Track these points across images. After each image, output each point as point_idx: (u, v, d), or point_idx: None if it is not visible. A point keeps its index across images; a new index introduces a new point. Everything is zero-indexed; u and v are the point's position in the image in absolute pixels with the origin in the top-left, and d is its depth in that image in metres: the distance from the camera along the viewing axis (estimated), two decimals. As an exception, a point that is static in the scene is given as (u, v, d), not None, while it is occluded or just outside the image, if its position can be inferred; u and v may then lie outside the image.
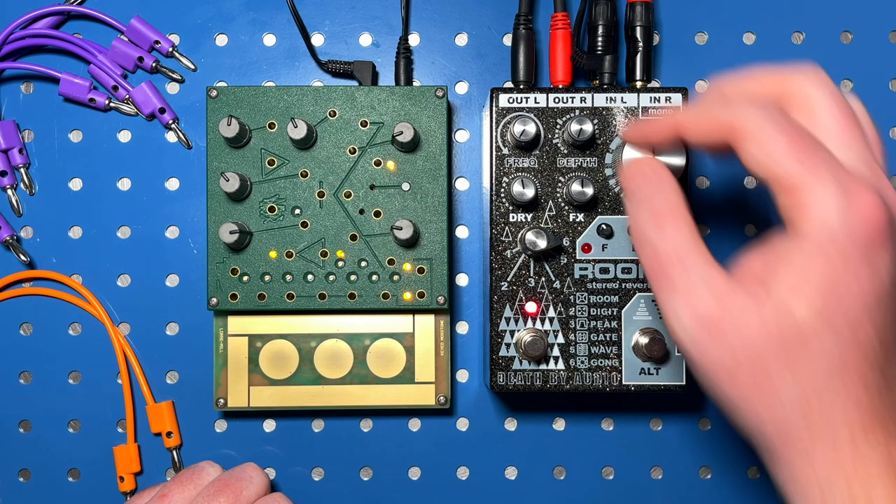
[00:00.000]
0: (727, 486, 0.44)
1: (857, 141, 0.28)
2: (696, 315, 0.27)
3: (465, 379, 0.44)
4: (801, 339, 0.26)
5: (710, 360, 0.27)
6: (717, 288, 0.27)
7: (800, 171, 0.26)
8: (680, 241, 0.28)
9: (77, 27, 0.44)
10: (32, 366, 0.43)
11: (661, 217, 0.29)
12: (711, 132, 0.29)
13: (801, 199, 0.26)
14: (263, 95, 0.40)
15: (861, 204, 0.26)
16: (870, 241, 0.26)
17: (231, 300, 0.40)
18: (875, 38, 0.44)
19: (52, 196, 0.43)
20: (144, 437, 0.43)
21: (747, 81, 0.30)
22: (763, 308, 0.26)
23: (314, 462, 0.43)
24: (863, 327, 0.26)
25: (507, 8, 0.44)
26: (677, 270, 0.28)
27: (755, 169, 0.27)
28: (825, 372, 0.26)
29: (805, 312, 0.26)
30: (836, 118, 0.28)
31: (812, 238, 0.26)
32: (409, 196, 0.40)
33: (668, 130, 0.31)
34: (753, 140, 0.27)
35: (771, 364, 0.27)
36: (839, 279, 0.26)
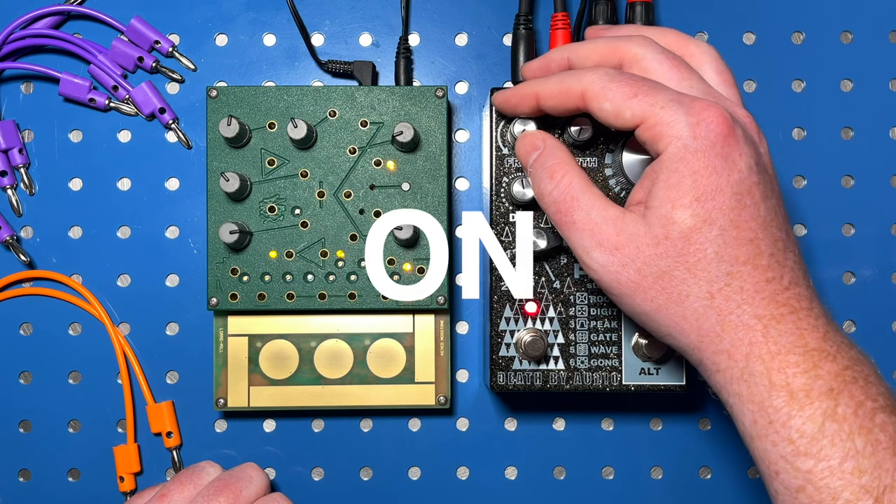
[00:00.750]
0: (727, 486, 0.44)
1: (689, 77, 0.32)
2: (599, 244, 0.31)
3: (465, 379, 0.44)
4: (689, 240, 0.30)
5: (622, 283, 0.31)
6: (611, 218, 0.31)
7: (643, 106, 0.30)
8: (572, 186, 0.32)
9: (77, 27, 0.44)
10: (32, 366, 0.43)
11: (553, 171, 0.33)
12: (564, 100, 0.33)
13: (653, 128, 0.30)
14: (263, 95, 0.40)
15: (705, 115, 0.30)
16: (723, 143, 0.30)
17: (231, 300, 0.40)
18: (875, 38, 0.44)
19: (52, 196, 0.43)
20: (144, 437, 0.43)
21: (589, 50, 0.34)
22: (651, 225, 0.30)
23: (314, 462, 0.43)
24: (741, 217, 0.29)
25: (507, 8, 0.44)
26: (575, 210, 0.32)
27: (609, 121, 0.32)
28: (717, 262, 0.29)
29: (685, 215, 0.29)
30: (663, 64, 0.32)
31: (671, 153, 0.30)
32: (409, 196, 0.40)
33: (528, 101, 0.35)
34: (599, 97, 0.31)
35: (673, 271, 0.30)
36: (704, 180, 0.29)
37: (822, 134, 0.44)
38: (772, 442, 0.29)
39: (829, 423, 0.28)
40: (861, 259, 0.44)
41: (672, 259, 0.30)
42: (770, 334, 0.29)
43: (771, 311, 0.29)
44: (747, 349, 0.29)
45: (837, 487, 0.27)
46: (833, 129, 0.44)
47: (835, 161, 0.44)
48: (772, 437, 0.29)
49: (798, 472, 0.28)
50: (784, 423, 0.28)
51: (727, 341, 0.30)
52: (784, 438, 0.28)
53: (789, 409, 0.28)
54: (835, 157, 0.44)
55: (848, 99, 0.44)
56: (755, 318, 0.29)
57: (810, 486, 0.28)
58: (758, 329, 0.29)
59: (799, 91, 0.44)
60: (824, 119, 0.44)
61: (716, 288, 0.30)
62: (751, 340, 0.29)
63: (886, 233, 0.44)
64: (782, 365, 0.29)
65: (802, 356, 0.29)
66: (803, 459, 0.28)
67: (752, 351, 0.29)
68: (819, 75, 0.44)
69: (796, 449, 0.28)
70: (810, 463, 0.28)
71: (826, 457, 0.27)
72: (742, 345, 0.29)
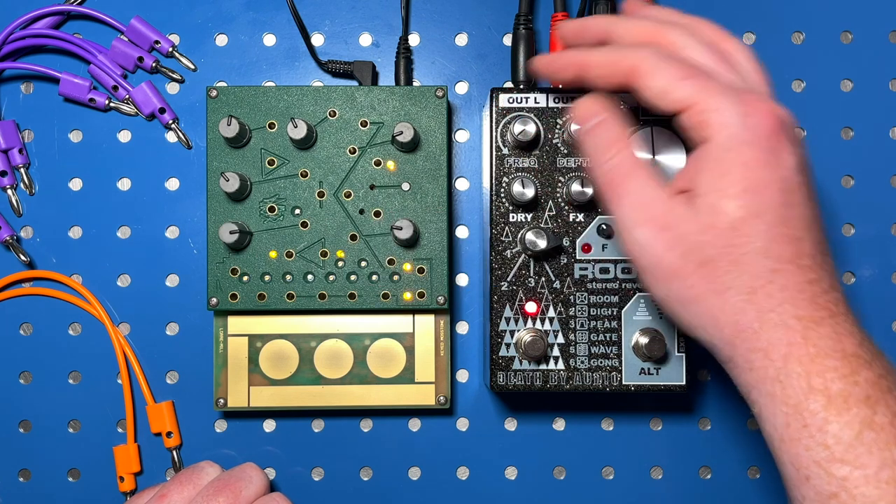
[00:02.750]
0: (727, 486, 0.44)
1: (730, 72, 0.32)
2: (648, 220, 0.30)
3: (465, 379, 0.44)
4: (736, 231, 0.29)
5: (663, 265, 0.30)
6: (662, 197, 0.30)
7: (694, 90, 0.30)
8: (629, 160, 0.32)
9: (77, 27, 0.44)
10: (32, 366, 0.43)
11: (612, 142, 0.32)
12: (611, 72, 0.32)
13: (702, 115, 0.30)
14: (263, 95, 0.40)
15: (757, 108, 0.29)
16: (774, 139, 0.29)
17: (231, 300, 0.40)
18: (875, 38, 0.44)
19: (52, 196, 0.43)
20: (144, 437, 0.43)
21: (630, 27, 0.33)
22: (699, 212, 0.29)
23: (314, 462, 0.43)
24: (788, 214, 0.29)
25: (507, 8, 0.44)
26: (628, 183, 0.31)
27: (656, 100, 0.31)
28: (763, 258, 0.29)
29: (733, 206, 0.29)
30: (704, 56, 0.32)
31: (720, 142, 0.29)
32: (409, 196, 0.40)
33: (573, 68, 0.33)
34: (650, 74, 0.31)
35: (718, 261, 0.29)
36: (754, 173, 0.29)
37: (822, 134, 0.44)
38: (805, 446, 0.28)
39: (866, 430, 0.27)
40: (861, 259, 0.44)
41: (718, 249, 0.29)
42: (810, 336, 0.28)
43: (811, 312, 0.29)
44: (786, 350, 0.29)
45: (873, 496, 0.27)
46: (833, 129, 0.44)
47: (835, 161, 0.44)
48: (805, 441, 0.28)
49: (832, 479, 0.27)
50: (820, 428, 0.28)
51: (764, 339, 0.29)
52: (819, 443, 0.28)
53: (826, 413, 0.28)
54: (835, 157, 0.44)
55: (848, 99, 0.44)
56: (795, 319, 0.29)
57: (844, 493, 0.27)
58: (797, 330, 0.29)
59: (799, 91, 0.44)
60: (824, 119, 0.44)
61: (758, 284, 0.29)
62: (790, 341, 0.29)
63: (886, 233, 0.44)
64: (821, 369, 0.28)
65: (841, 361, 0.28)
66: (838, 466, 0.27)
67: (791, 352, 0.28)
68: (819, 75, 0.44)
69: (831, 455, 0.27)
70: (846, 470, 0.27)
71: (863, 465, 0.27)
72: (780, 345, 0.29)
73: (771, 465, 0.44)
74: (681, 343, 0.38)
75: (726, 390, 0.44)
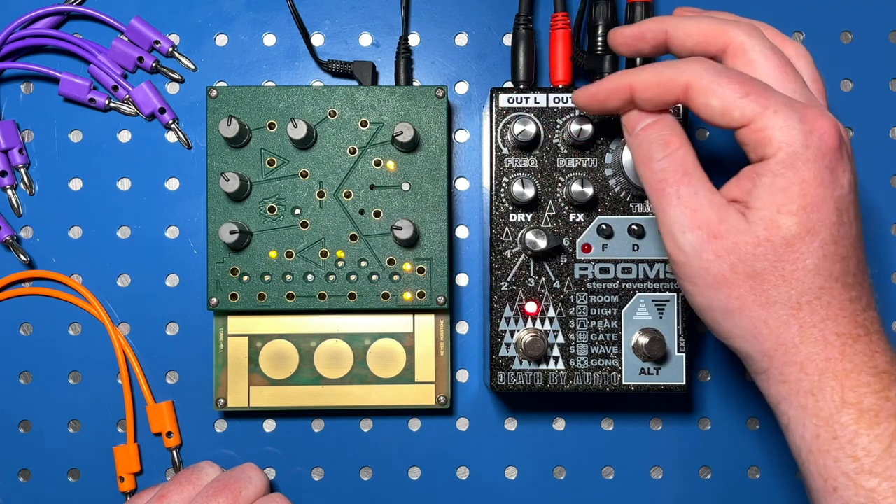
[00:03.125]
0: (727, 486, 0.44)
1: (794, 80, 0.31)
2: (700, 226, 0.30)
3: (465, 379, 0.44)
4: (790, 248, 0.29)
5: (711, 273, 0.30)
6: (717, 204, 0.30)
7: (755, 107, 0.29)
8: (686, 159, 0.31)
9: (77, 27, 0.44)
10: (32, 366, 0.43)
11: (669, 140, 0.31)
12: (663, 92, 0.31)
13: (763, 131, 0.29)
14: (263, 95, 0.40)
15: (818, 125, 0.29)
16: (832, 156, 0.29)
17: (231, 300, 0.40)
18: (875, 38, 0.44)
19: (52, 196, 0.43)
20: (144, 437, 0.43)
21: (692, 27, 0.32)
22: (754, 225, 0.29)
23: (314, 462, 0.43)
24: (840, 233, 0.29)
25: (507, 8, 0.44)
26: (682, 184, 0.30)
27: (715, 118, 0.30)
28: (814, 275, 0.29)
29: (791, 222, 0.29)
30: (770, 60, 0.31)
31: (781, 158, 0.29)
32: (409, 196, 0.40)
33: (621, 92, 0.32)
34: (707, 92, 0.30)
35: (768, 275, 0.29)
36: (813, 191, 0.29)
37: (822, 134, 0.44)
38: (834, 458, 0.29)
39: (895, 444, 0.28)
40: (861, 259, 0.44)
41: (769, 263, 0.29)
42: (847, 353, 0.29)
43: (850, 329, 0.29)
44: (823, 364, 0.29)
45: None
46: (833, 129, 0.44)
47: (835, 161, 0.44)
48: (835, 452, 0.29)
49: (860, 490, 0.28)
50: (850, 441, 0.28)
51: (803, 354, 0.29)
52: (848, 455, 0.28)
53: (857, 427, 0.28)
54: (835, 157, 0.44)
55: (848, 99, 0.44)
56: (836, 336, 0.29)
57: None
58: (836, 346, 0.29)
59: (799, 91, 0.44)
60: (824, 119, 0.44)
61: (805, 300, 0.29)
62: (827, 356, 0.29)
63: (886, 233, 0.44)
64: (855, 384, 0.29)
65: (874, 377, 0.29)
66: (867, 478, 0.28)
67: (828, 367, 0.29)
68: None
69: (860, 467, 0.28)
70: (874, 482, 0.28)
71: (891, 476, 0.28)
72: (818, 360, 0.29)
73: (771, 465, 0.44)
74: (681, 343, 0.38)
75: (726, 390, 0.44)
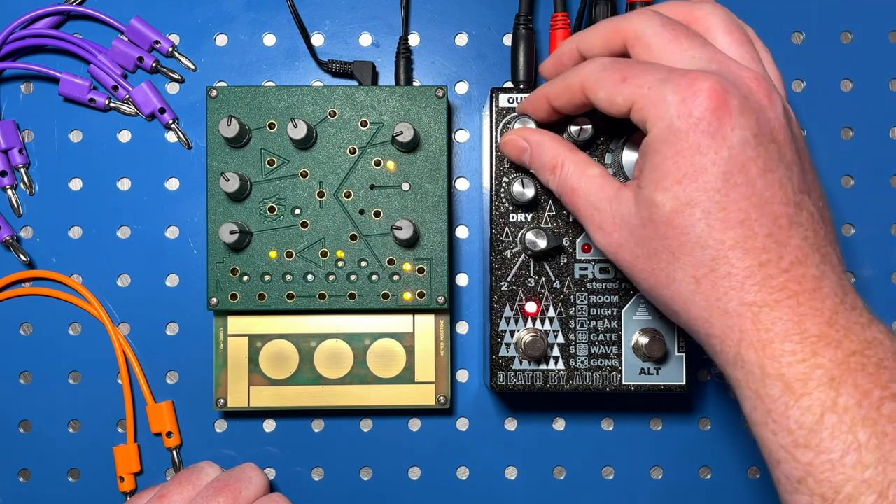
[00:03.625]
0: (727, 486, 0.44)
1: (690, 47, 0.31)
2: (599, 227, 0.32)
3: (465, 379, 0.44)
4: (670, 224, 0.29)
5: (622, 261, 0.31)
6: (607, 198, 0.31)
7: (632, 89, 0.30)
8: (568, 177, 0.33)
9: (77, 27, 0.44)
10: (32, 366, 0.43)
11: (551, 167, 0.34)
12: (570, 97, 0.33)
13: (641, 111, 0.30)
14: (263, 95, 0.40)
15: (691, 91, 0.28)
16: (710, 119, 0.28)
17: (231, 300, 0.40)
18: (875, 38, 0.44)
19: (52, 196, 0.43)
20: (144, 437, 0.43)
21: (592, 35, 0.34)
22: (639, 206, 0.30)
23: (314, 462, 0.43)
24: (729, 198, 0.28)
25: (507, 8, 0.44)
26: (576, 200, 0.33)
27: (607, 109, 0.31)
28: (701, 248, 0.29)
29: (665, 198, 0.29)
30: (663, 37, 0.31)
31: (655, 135, 0.29)
32: (409, 196, 0.40)
33: (542, 105, 0.35)
34: (595, 88, 0.31)
35: (660, 253, 0.30)
36: (687, 161, 0.28)
37: (822, 134, 0.44)
38: (771, 431, 0.28)
39: (828, 414, 0.26)
40: (861, 259, 0.44)
41: (658, 242, 0.29)
42: (761, 322, 0.28)
43: (763, 297, 0.28)
44: (738, 336, 0.28)
45: (839, 482, 0.26)
46: (833, 129, 0.44)
47: (835, 161, 0.44)
48: (771, 426, 0.28)
49: (798, 464, 0.27)
50: (782, 413, 0.27)
51: (717, 327, 0.29)
52: (783, 428, 0.27)
53: (786, 399, 0.27)
54: (835, 157, 0.44)
55: (848, 99, 0.44)
56: (744, 306, 0.28)
57: (811, 479, 0.27)
58: (747, 317, 0.28)
59: (799, 91, 0.44)
60: (824, 119, 0.44)
61: (701, 273, 0.29)
62: (741, 328, 0.28)
63: (886, 233, 0.44)
64: (776, 353, 0.27)
65: (799, 344, 0.27)
66: (803, 451, 0.27)
67: (744, 338, 0.28)
68: (819, 75, 0.44)
69: (795, 440, 0.27)
70: (810, 455, 0.27)
71: (826, 450, 0.26)
72: (733, 332, 0.28)
73: (771, 465, 0.44)
74: (681, 343, 0.38)
75: (726, 390, 0.44)
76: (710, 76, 0.28)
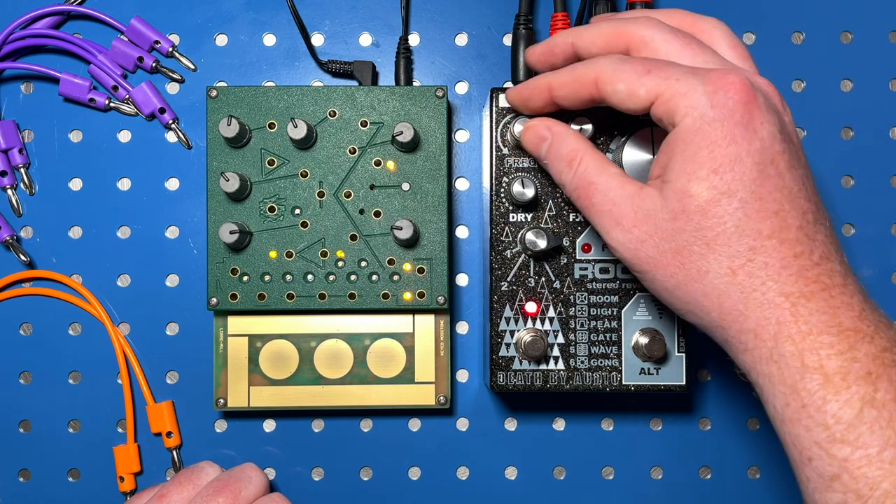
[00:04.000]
0: (727, 486, 0.44)
1: (703, 53, 0.31)
2: (618, 223, 0.31)
3: (465, 379, 0.44)
4: (706, 214, 0.28)
5: (641, 259, 0.30)
6: (628, 195, 0.31)
7: (657, 81, 0.29)
8: (588, 171, 0.32)
9: (77, 27, 0.44)
10: (32, 366, 0.43)
11: (569, 160, 0.33)
12: (577, 89, 0.32)
13: (668, 102, 0.29)
14: (263, 95, 0.40)
15: (723, 83, 0.28)
16: (743, 111, 0.28)
17: (231, 300, 0.40)
18: (875, 38, 0.44)
19: (52, 196, 0.43)
20: (144, 437, 0.43)
21: (594, 35, 0.33)
22: (668, 200, 0.29)
23: (314, 462, 0.43)
24: (764, 188, 0.28)
25: (507, 8, 0.44)
26: (594, 194, 0.31)
27: (625, 102, 0.31)
28: (738, 237, 0.28)
29: (701, 188, 0.28)
30: (672, 44, 0.31)
31: (688, 124, 0.29)
32: (409, 196, 0.40)
33: (541, 93, 0.34)
34: (612, 80, 0.31)
35: (691, 246, 0.29)
36: (723, 151, 0.28)
37: (822, 134, 0.44)
38: (805, 427, 0.27)
39: (867, 409, 0.26)
40: (861, 259, 0.44)
41: (690, 234, 0.29)
42: (800, 313, 0.27)
43: (800, 287, 0.28)
44: (775, 329, 0.28)
45: (876, 477, 0.26)
46: (833, 129, 0.44)
47: (835, 161, 0.44)
48: (805, 421, 0.27)
49: (833, 460, 0.26)
50: (819, 408, 0.27)
51: (752, 320, 0.28)
52: (818, 424, 0.27)
53: (824, 392, 0.27)
54: (835, 157, 0.44)
55: (848, 99, 0.44)
56: (782, 296, 0.28)
57: (846, 475, 0.26)
58: (785, 307, 0.28)
59: (799, 91, 0.44)
60: (824, 119, 0.44)
61: (737, 264, 0.28)
62: (778, 319, 0.28)
63: (886, 233, 0.44)
64: (815, 346, 0.27)
65: (837, 336, 0.27)
66: (839, 447, 0.26)
67: (781, 331, 0.27)
68: (819, 75, 0.44)
69: (832, 435, 0.26)
70: (847, 451, 0.26)
71: (864, 444, 0.26)
72: (769, 324, 0.28)
73: (771, 465, 0.44)
74: (681, 343, 0.38)
75: (726, 390, 0.44)
76: (736, 72, 0.29)
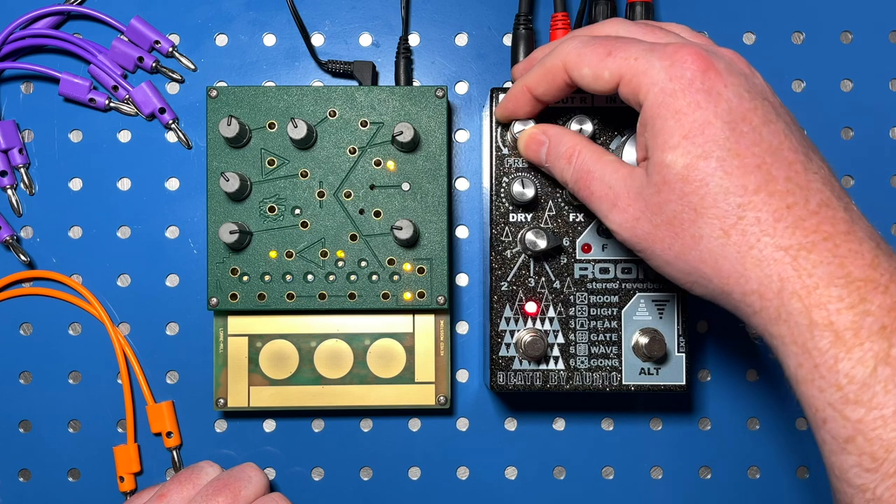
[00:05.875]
0: (727, 486, 0.44)
1: (665, 36, 0.32)
2: (614, 204, 0.31)
3: (465, 379, 0.44)
4: (686, 180, 0.28)
5: (640, 236, 0.30)
6: (622, 177, 0.31)
7: (617, 62, 0.30)
8: (584, 162, 0.33)
9: (77, 27, 0.44)
10: (32, 366, 0.43)
11: (568, 156, 0.34)
12: (552, 80, 0.33)
13: (631, 82, 0.30)
14: (263, 95, 0.40)
15: (678, 56, 0.29)
16: (702, 78, 0.28)
17: (231, 300, 0.40)
18: (875, 38, 0.44)
19: (52, 196, 0.43)
20: (144, 437, 0.43)
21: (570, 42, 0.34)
22: (651, 175, 0.29)
23: (314, 462, 0.43)
24: (740, 145, 0.28)
25: (507, 8, 0.44)
26: (591, 182, 0.32)
27: (593, 85, 0.31)
28: (724, 196, 0.28)
29: (675, 156, 0.28)
30: (632, 29, 0.32)
31: (651, 100, 0.29)
32: (409, 196, 0.40)
33: (523, 97, 0.35)
34: (578, 65, 0.31)
35: (681, 214, 0.29)
36: (689, 117, 0.28)
37: (821, 134, 0.44)
38: (818, 388, 0.26)
39: (881, 367, 0.25)
40: (861, 259, 0.44)
41: (676, 203, 0.29)
42: (802, 266, 0.26)
43: (798, 239, 0.26)
44: (778, 286, 0.26)
45: (891, 439, 0.24)
46: (833, 129, 0.44)
47: (835, 161, 0.44)
48: (818, 382, 0.26)
49: (847, 422, 0.25)
50: (830, 368, 0.25)
51: (754, 280, 0.27)
52: (831, 384, 0.25)
53: (836, 351, 0.25)
54: (835, 157, 0.44)
55: (848, 99, 0.44)
56: (780, 250, 0.27)
57: (860, 437, 0.25)
58: (786, 262, 0.26)
59: (799, 91, 0.44)
60: (824, 119, 0.44)
61: (728, 223, 0.27)
62: (780, 275, 0.26)
63: (886, 233, 0.44)
64: (822, 300, 0.26)
65: (846, 289, 0.26)
66: (853, 408, 0.25)
67: (785, 287, 0.26)
68: (819, 75, 0.44)
69: (845, 396, 0.25)
70: (861, 412, 0.25)
71: (879, 405, 0.25)
72: (772, 282, 0.27)
73: (771, 465, 0.44)
74: (681, 343, 0.38)
75: (726, 390, 0.44)
76: (692, 44, 0.29)
